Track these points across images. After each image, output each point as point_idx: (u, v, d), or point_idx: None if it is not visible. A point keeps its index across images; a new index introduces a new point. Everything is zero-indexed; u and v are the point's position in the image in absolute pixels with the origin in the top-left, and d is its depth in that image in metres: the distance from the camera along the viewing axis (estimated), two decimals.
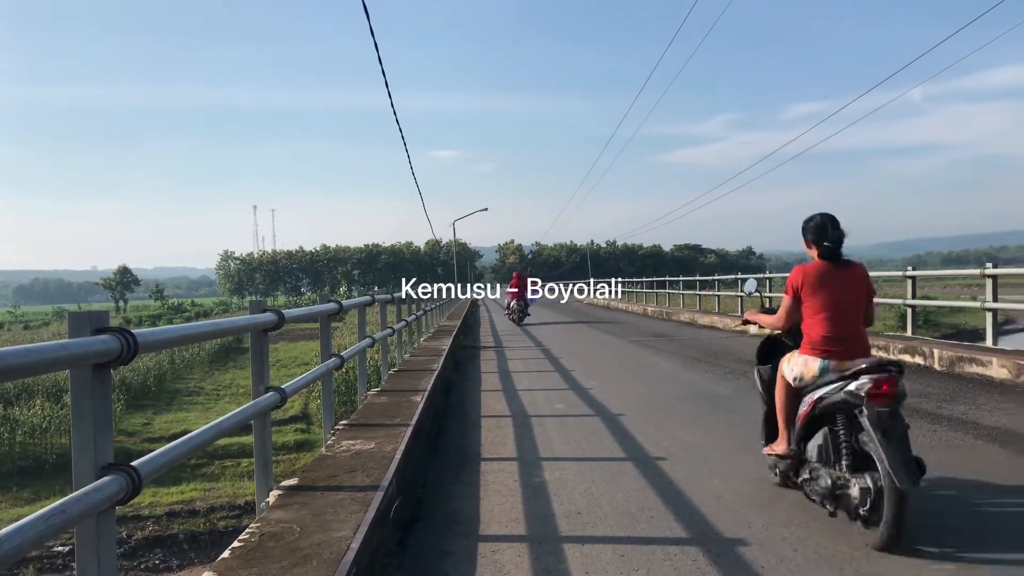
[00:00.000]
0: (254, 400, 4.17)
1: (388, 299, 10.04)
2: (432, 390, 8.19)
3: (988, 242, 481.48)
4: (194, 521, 16.08)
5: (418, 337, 14.71)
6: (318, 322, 6.23)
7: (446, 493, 5.17)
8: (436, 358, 11.00)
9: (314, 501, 4.05)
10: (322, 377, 5.80)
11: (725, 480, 5.12)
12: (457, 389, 10.27)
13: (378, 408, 6.96)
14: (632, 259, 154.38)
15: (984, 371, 9.57)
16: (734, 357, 12.73)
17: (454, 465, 5.95)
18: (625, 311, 32.75)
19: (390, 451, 5.13)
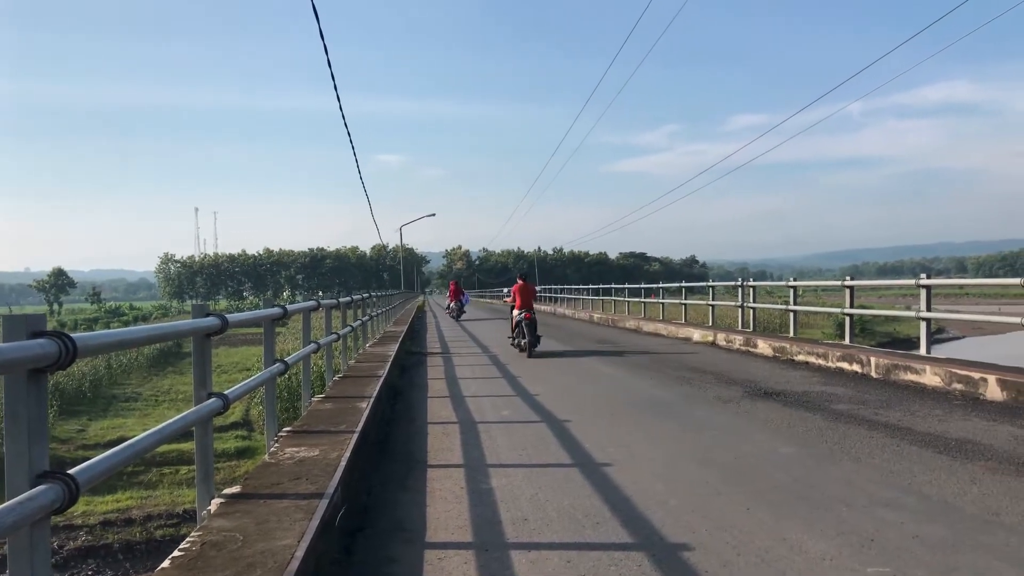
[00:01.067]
0: (196, 406, 4.08)
1: (334, 304, 9.93)
2: (378, 396, 8.13)
3: (922, 253, 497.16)
4: (130, 530, 15.68)
5: (364, 343, 14.58)
6: (261, 327, 6.13)
7: (392, 500, 5.13)
8: (382, 364, 10.92)
9: (257, 509, 3.98)
10: (265, 383, 5.71)
11: (670, 486, 5.17)
12: (404, 395, 10.20)
13: (323, 415, 6.87)
14: (579, 266, 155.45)
15: (918, 378, 9.86)
16: (678, 363, 12.89)
17: (400, 472, 5.91)
18: (572, 317, 32.94)
19: (335, 458, 5.07)
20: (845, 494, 4.88)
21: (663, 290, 27.11)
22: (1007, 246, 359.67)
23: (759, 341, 14.96)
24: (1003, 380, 8.48)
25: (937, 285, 12.20)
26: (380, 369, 10.26)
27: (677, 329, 19.93)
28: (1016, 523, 4.23)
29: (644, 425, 7.50)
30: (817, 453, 6.09)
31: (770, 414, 7.92)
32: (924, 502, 4.68)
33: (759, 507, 4.64)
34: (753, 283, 19.36)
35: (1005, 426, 7.04)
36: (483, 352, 16.31)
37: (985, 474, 5.31)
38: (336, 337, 9.63)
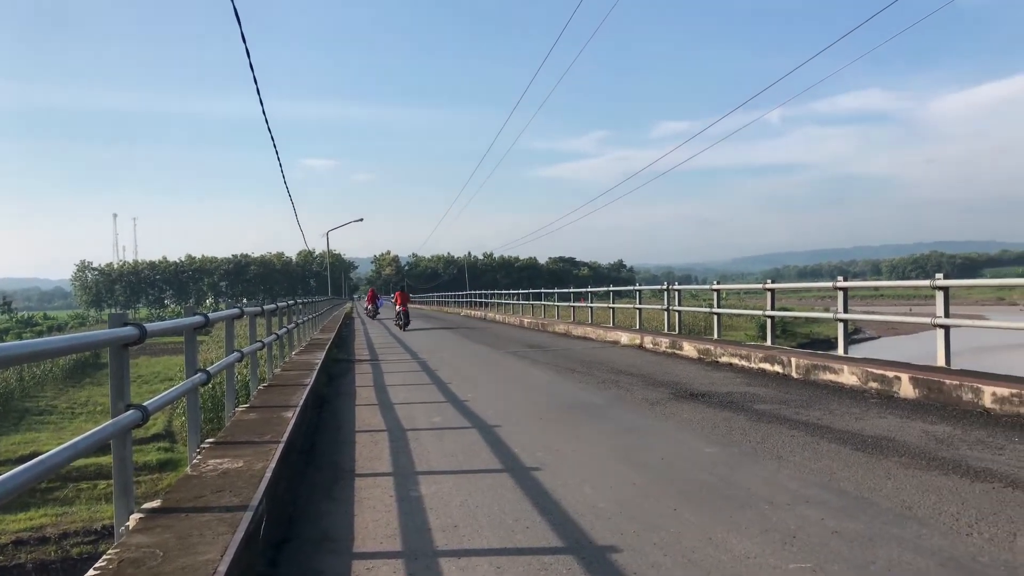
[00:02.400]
0: (113, 419, 3.94)
1: (258, 311, 9.73)
2: (304, 405, 7.99)
3: (839, 257, 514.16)
4: (44, 549, 15.07)
5: (290, 351, 14.33)
6: (183, 336, 5.96)
7: (319, 511, 5.04)
8: (308, 372, 10.74)
9: (178, 524, 3.86)
10: (187, 393, 5.55)
11: (598, 489, 5.22)
12: (331, 404, 10.05)
13: (247, 425, 6.72)
14: (509, 271, 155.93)
15: (836, 378, 10.18)
16: (607, 367, 13.03)
17: (327, 482, 5.82)
18: (502, 323, 33.00)
19: (260, 469, 4.96)
20: (768, 492, 5.00)
21: (592, 294, 27.38)
22: (918, 249, 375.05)
23: (685, 343, 15.24)
24: (915, 378, 8.82)
25: (853, 287, 12.64)
26: (306, 377, 10.09)
27: (606, 333, 20.15)
28: (927, 516, 4.40)
29: (573, 428, 7.55)
30: (741, 452, 6.23)
31: (696, 415, 8.07)
32: (843, 498, 4.82)
33: (686, 507, 4.72)
34: (678, 287, 19.73)
35: (917, 423, 7.32)
36: (413, 358, 16.20)
37: (899, 469, 5.51)
38: (261, 345, 9.44)
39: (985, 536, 4.03)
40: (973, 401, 7.96)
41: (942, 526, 4.22)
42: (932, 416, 7.65)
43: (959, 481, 5.15)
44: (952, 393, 8.25)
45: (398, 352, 18.18)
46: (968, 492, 4.87)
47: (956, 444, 6.32)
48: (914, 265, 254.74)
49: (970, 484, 5.06)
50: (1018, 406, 7.43)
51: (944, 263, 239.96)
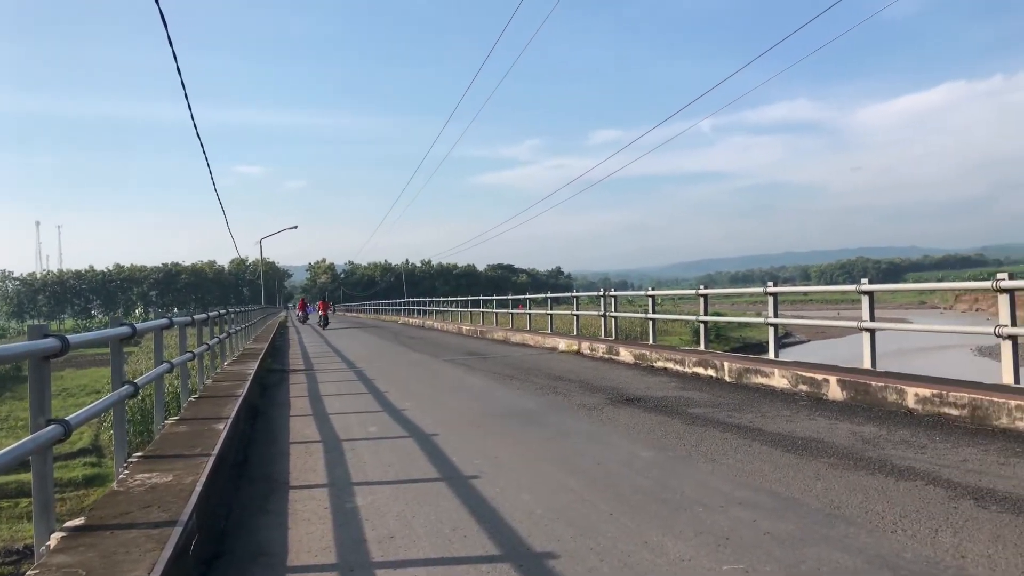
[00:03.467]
0: (33, 434, 3.79)
1: (188, 321, 9.50)
2: (237, 417, 7.82)
3: (770, 263, 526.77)
4: None
5: (222, 361, 14.02)
6: (109, 347, 5.78)
7: (252, 525, 4.93)
8: (241, 383, 10.52)
9: (103, 542, 3.73)
10: (113, 407, 5.38)
11: (536, 495, 5.22)
12: (264, 415, 9.86)
13: (177, 438, 6.54)
14: (447, 278, 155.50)
15: (767, 381, 10.40)
16: (545, 373, 13.08)
17: (260, 495, 5.70)
18: (440, 330, 32.88)
19: (190, 483, 4.83)
20: (702, 495, 5.07)
21: (530, 301, 27.49)
22: (845, 255, 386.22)
23: (621, 349, 15.40)
24: (843, 380, 9.07)
25: (783, 292, 12.95)
26: (239, 388, 9.89)
27: (544, 339, 20.24)
28: (855, 515, 4.52)
29: (511, 435, 7.56)
30: (676, 456, 6.31)
31: (631, 420, 8.15)
32: (774, 499, 4.92)
33: (622, 512, 4.76)
34: (615, 293, 19.95)
35: (845, 424, 7.53)
36: (349, 368, 16.01)
37: (828, 470, 5.65)
38: (191, 356, 9.21)
39: (908, 533, 4.16)
40: (897, 402, 8.22)
41: (868, 524, 4.34)
42: (859, 417, 7.88)
43: (884, 480, 5.30)
44: (878, 394, 8.51)
45: (334, 362, 17.95)
46: (893, 491, 5.02)
47: (882, 444, 6.51)
48: (841, 270, 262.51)
49: (895, 483, 5.22)
50: (939, 406, 7.70)
51: (869, 268, 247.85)
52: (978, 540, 4.01)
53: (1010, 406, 6.98)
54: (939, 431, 7.00)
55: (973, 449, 6.20)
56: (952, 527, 4.23)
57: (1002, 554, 3.80)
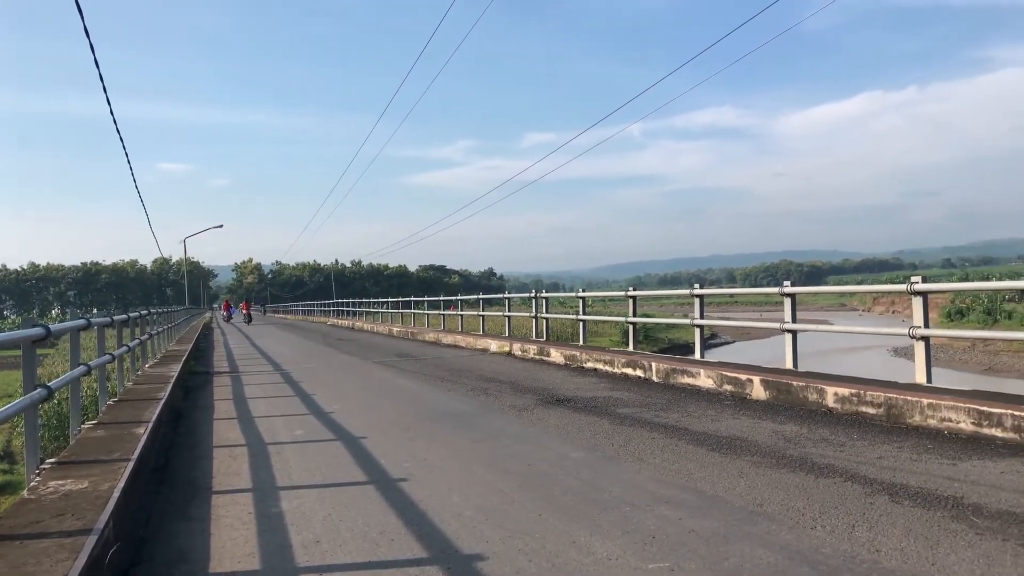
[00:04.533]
0: None
1: (107, 322, 9.19)
2: (158, 420, 7.60)
3: (697, 265, 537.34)
4: None
5: (143, 364, 13.60)
6: (21, 349, 5.54)
7: (172, 531, 4.79)
8: (163, 386, 10.23)
9: (12, 552, 3.57)
10: (25, 411, 5.16)
11: (465, 497, 5.21)
12: (187, 419, 9.60)
13: (94, 442, 6.32)
14: (378, 279, 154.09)
15: (694, 381, 10.59)
16: (476, 375, 13.06)
17: (182, 500, 5.54)
18: (371, 331, 32.56)
19: (107, 489, 4.67)
20: (629, 494, 5.13)
21: (462, 302, 27.44)
22: (769, 258, 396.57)
23: (552, 350, 15.49)
24: (766, 380, 9.30)
25: (709, 295, 13.23)
26: (161, 391, 9.61)
27: (475, 340, 20.23)
28: (776, 512, 4.63)
29: (441, 437, 7.52)
30: (604, 456, 6.37)
31: (561, 420, 8.20)
32: (699, 498, 5.01)
33: (551, 512, 4.78)
34: (546, 295, 20.06)
35: (767, 423, 7.72)
36: (275, 370, 15.72)
37: (751, 468, 5.78)
38: (110, 358, 8.91)
39: (827, 529, 4.28)
40: (818, 401, 8.46)
41: (790, 521, 4.45)
42: (781, 416, 8.08)
43: (805, 478, 5.45)
44: (799, 394, 8.74)
45: (260, 364, 17.59)
46: (813, 488, 5.17)
47: (802, 442, 6.69)
48: (765, 273, 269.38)
49: (815, 480, 5.37)
50: (857, 405, 7.96)
51: (792, 271, 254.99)
52: (892, 534, 4.15)
53: (923, 404, 7.25)
54: (857, 429, 7.23)
55: (888, 446, 6.43)
56: (868, 522, 4.37)
57: (913, 547, 3.94)
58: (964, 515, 4.45)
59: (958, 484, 5.15)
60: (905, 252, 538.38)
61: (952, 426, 6.92)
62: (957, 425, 6.88)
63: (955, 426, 6.89)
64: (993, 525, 4.25)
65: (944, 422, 7.01)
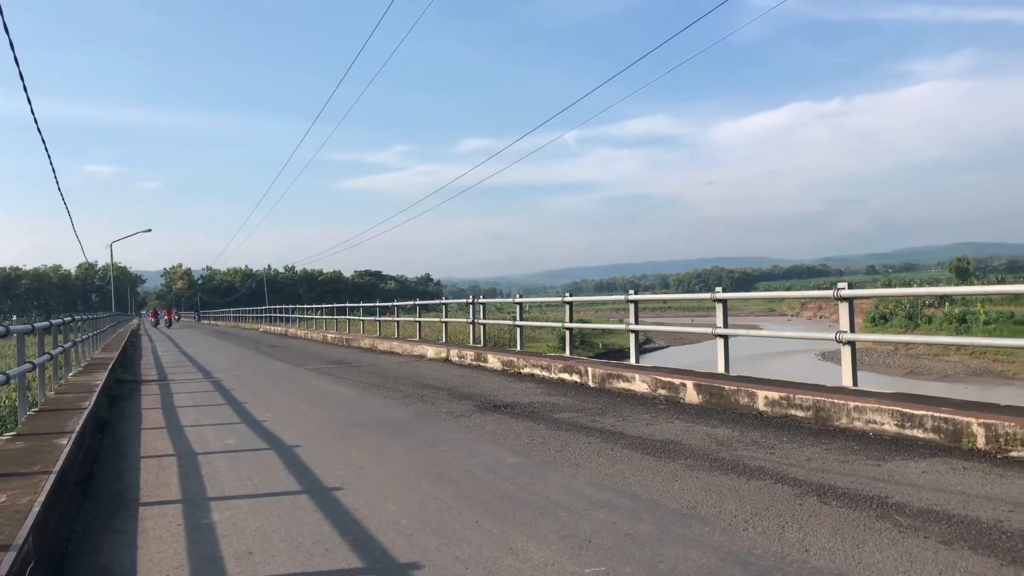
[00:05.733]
0: None
1: (27, 329, 8.85)
2: (82, 431, 7.34)
3: (632, 271, 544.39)
4: None
5: (66, 372, 13.14)
6: None
7: (96, 546, 4.62)
8: (88, 395, 9.90)
9: None
10: None
11: (401, 505, 5.16)
12: (113, 429, 9.30)
13: (13, 455, 6.07)
14: (312, 285, 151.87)
15: (629, 386, 10.71)
16: (412, 381, 12.98)
17: (107, 513, 5.36)
18: (304, 338, 32.08)
19: (26, 503, 4.49)
20: (565, 499, 5.15)
21: (398, 308, 27.23)
22: (701, 264, 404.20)
23: (489, 356, 15.50)
24: (699, 385, 9.46)
25: (644, 300, 13.39)
26: (85, 400, 9.29)
27: (412, 347, 20.11)
28: (710, 514, 4.71)
29: (377, 445, 7.45)
30: (541, 461, 6.39)
31: (498, 426, 8.20)
32: (634, 501, 5.06)
33: (487, 519, 4.77)
34: (484, 300, 20.05)
35: (701, 426, 7.85)
36: (205, 377, 15.36)
37: (685, 471, 5.87)
38: (31, 367, 8.57)
39: (759, 530, 4.37)
40: (749, 405, 8.64)
41: (722, 523, 4.52)
42: (714, 419, 8.23)
43: (737, 480, 5.56)
44: (731, 398, 8.92)
45: (190, 371, 17.17)
46: (745, 490, 5.27)
47: (734, 445, 6.82)
48: (698, 279, 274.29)
49: (746, 482, 5.48)
50: (786, 408, 8.15)
51: (724, 277, 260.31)
52: (820, 534, 4.26)
53: (849, 407, 7.47)
54: (787, 432, 7.41)
55: (816, 448, 6.60)
56: (798, 523, 4.48)
57: (841, 546, 4.05)
58: (888, 514, 4.59)
59: (882, 484, 5.31)
60: (831, 259, 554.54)
61: (877, 428, 7.14)
62: (881, 427, 7.10)
63: (880, 428, 7.12)
64: (915, 523, 4.40)
65: (869, 424, 7.23)
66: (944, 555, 3.88)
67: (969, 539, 4.10)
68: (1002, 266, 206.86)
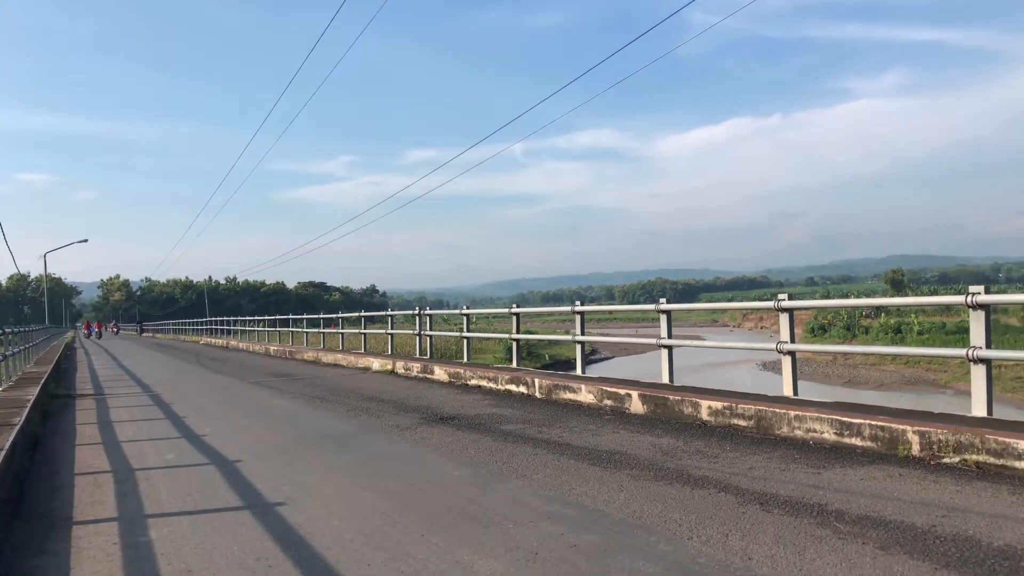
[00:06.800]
0: None
1: None
2: (12, 448, 7.08)
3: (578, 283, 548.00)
4: None
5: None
6: None
7: (26, 568, 4.45)
8: (18, 410, 9.56)
9: None
10: None
11: (346, 520, 5.09)
12: (45, 445, 8.99)
13: None
14: (254, 296, 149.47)
15: (575, 397, 10.76)
16: (357, 394, 12.84)
17: (38, 533, 5.17)
18: (246, 351, 31.52)
19: None
20: (512, 511, 5.14)
21: (343, 320, 26.96)
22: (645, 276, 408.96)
23: (436, 368, 15.42)
24: (643, 395, 9.55)
25: (590, 312, 13.49)
26: (16, 416, 8.97)
27: (357, 359, 19.90)
28: (655, 524, 4.74)
29: (321, 459, 7.34)
30: (487, 473, 6.37)
31: (445, 439, 8.15)
32: (581, 512, 5.07)
33: (433, 532, 4.73)
34: (430, 312, 19.99)
35: (646, 436, 7.91)
36: (144, 391, 14.97)
37: (630, 481, 5.91)
38: None
39: (703, 539, 4.42)
40: (693, 414, 8.75)
41: (667, 532, 4.56)
42: (659, 429, 8.31)
43: (681, 489, 5.61)
44: (675, 408, 9.02)
45: (127, 385, 16.73)
46: (689, 499, 5.32)
47: (679, 455, 6.89)
48: (642, 291, 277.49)
49: (690, 491, 5.54)
50: (729, 418, 8.27)
51: (667, 289, 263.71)
52: (763, 542, 4.32)
53: (790, 416, 7.61)
54: (730, 441, 7.51)
55: (759, 457, 6.70)
56: (740, 531, 4.54)
57: (783, 554, 4.12)
58: (828, 521, 4.68)
59: (822, 492, 5.42)
60: (772, 271, 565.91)
61: (817, 436, 7.29)
62: (821, 435, 7.25)
63: (819, 436, 7.26)
64: (854, 529, 4.50)
65: (810, 433, 7.37)
66: (882, 560, 3.97)
67: (905, 544, 4.20)
68: (934, 278, 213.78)
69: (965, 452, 6.10)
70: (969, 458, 6.05)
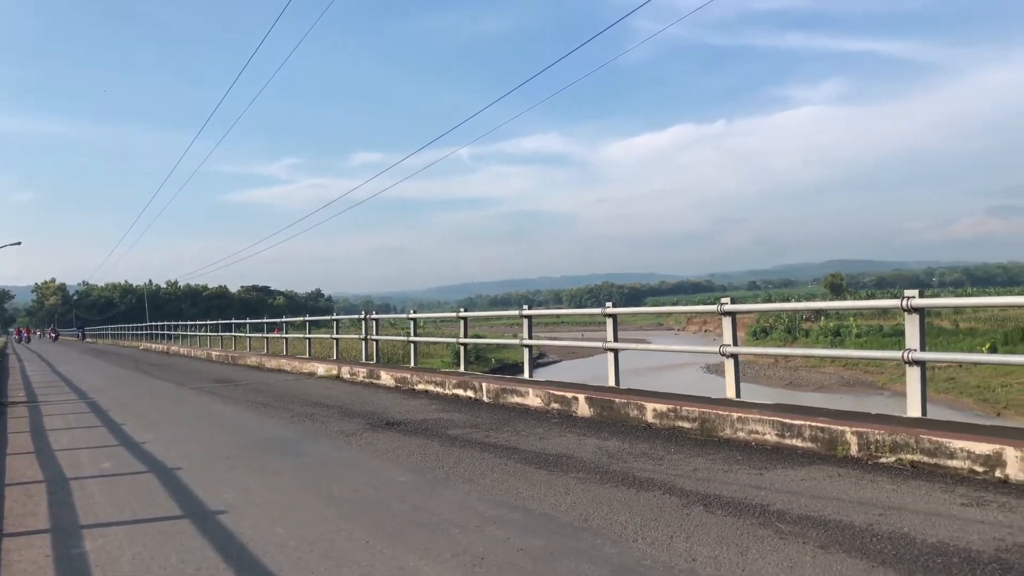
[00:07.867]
0: None
1: None
2: None
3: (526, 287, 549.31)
4: None
5: None
6: None
7: None
8: None
9: None
10: None
11: (289, 527, 5.01)
12: None
13: None
14: (196, 301, 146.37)
15: (523, 401, 10.77)
16: (302, 400, 12.67)
17: None
18: (187, 356, 30.88)
19: None
20: (458, 516, 5.12)
21: (287, 324, 26.58)
22: (592, 280, 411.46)
23: (382, 372, 15.30)
24: (590, 398, 9.60)
25: (537, 315, 13.54)
26: None
27: (302, 364, 19.64)
28: (601, 526, 4.76)
29: (264, 466, 7.22)
30: (433, 478, 6.34)
31: (391, 444, 8.09)
32: (528, 516, 5.07)
33: (378, 539, 4.68)
34: (376, 316, 19.81)
35: (592, 439, 7.95)
36: (80, 398, 14.56)
37: (577, 484, 5.93)
38: None
39: (648, 541, 4.45)
40: (638, 417, 8.82)
41: (613, 535, 4.59)
42: (605, 432, 8.36)
43: (627, 492, 5.65)
44: (621, 410, 9.08)
45: (63, 392, 16.25)
46: (634, 501, 5.36)
47: (625, 457, 6.94)
48: (589, 295, 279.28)
49: (636, 494, 5.58)
50: (674, 420, 8.36)
51: (614, 293, 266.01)
52: (706, 543, 4.37)
53: (732, 418, 7.73)
54: (674, 443, 7.59)
55: (703, 459, 6.79)
56: (685, 533, 4.58)
57: (726, 554, 4.17)
58: (770, 521, 4.76)
59: (764, 492, 5.51)
60: (716, 275, 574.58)
61: (759, 438, 7.41)
62: (763, 437, 7.38)
63: (761, 438, 7.39)
64: (795, 529, 4.58)
65: (752, 434, 7.49)
66: (821, 559, 4.04)
67: (844, 543, 4.29)
68: (872, 282, 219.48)
69: (901, 452, 6.27)
70: (905, 457, 6.22)
